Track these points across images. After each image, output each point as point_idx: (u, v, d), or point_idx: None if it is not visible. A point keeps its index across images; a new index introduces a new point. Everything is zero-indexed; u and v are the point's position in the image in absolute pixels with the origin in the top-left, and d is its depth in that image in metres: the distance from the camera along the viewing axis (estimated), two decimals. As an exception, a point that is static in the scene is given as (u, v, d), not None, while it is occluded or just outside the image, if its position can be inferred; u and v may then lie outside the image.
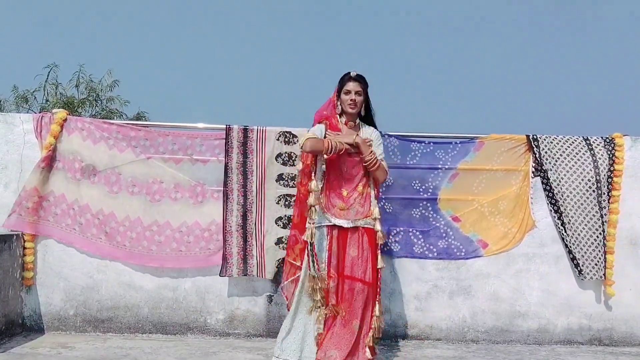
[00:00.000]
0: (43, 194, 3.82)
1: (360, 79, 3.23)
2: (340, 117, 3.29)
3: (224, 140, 3.92)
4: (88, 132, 3.91)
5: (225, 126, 3.94)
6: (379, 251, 3.19)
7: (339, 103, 3.27)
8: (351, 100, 3.21)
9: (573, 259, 3.94)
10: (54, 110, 3.95)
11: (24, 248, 3.81)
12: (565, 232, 3.93)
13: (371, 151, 3.16)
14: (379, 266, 3.16)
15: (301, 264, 3.27)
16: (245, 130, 3.92)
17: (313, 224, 3.12)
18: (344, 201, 3.17)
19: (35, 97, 14.77)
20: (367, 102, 3.29)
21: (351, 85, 3.21)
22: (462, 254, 3.99)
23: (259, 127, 3.93)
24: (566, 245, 3.95)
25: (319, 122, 3.29)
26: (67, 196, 3.86)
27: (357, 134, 3.20)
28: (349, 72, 3.24)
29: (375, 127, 3.36)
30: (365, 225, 3.16)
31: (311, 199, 3.15)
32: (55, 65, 14.61)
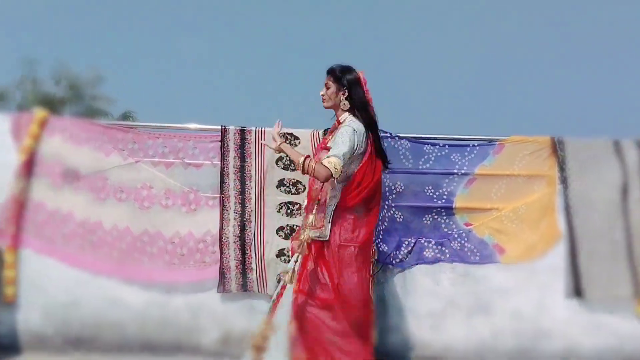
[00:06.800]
0: (20, 201, 3.54)
1: (328, 72, 2.97)
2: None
3: (219, 143, 3.65)
4: (70, 134, 3.65)
5: (220, 127, 3.67)
6: None
7: None
8: (321, 95, 3.00)
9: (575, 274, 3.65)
10: (33, 110, 3.70)
11: (2, 261, 3.52)
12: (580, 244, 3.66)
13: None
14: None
15: None
16: (242, 132, 3.64)
17: None
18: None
19: (11, 95, 14.38)
20: (350, 92, 2.92)
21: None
22: (477, 258, 3.70)
23: (257, 128, 3.65)
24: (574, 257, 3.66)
25: None
26: (47, 204, 3.59)
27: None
28: None
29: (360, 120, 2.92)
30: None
31: None
32: (34, 60, 14.20)
